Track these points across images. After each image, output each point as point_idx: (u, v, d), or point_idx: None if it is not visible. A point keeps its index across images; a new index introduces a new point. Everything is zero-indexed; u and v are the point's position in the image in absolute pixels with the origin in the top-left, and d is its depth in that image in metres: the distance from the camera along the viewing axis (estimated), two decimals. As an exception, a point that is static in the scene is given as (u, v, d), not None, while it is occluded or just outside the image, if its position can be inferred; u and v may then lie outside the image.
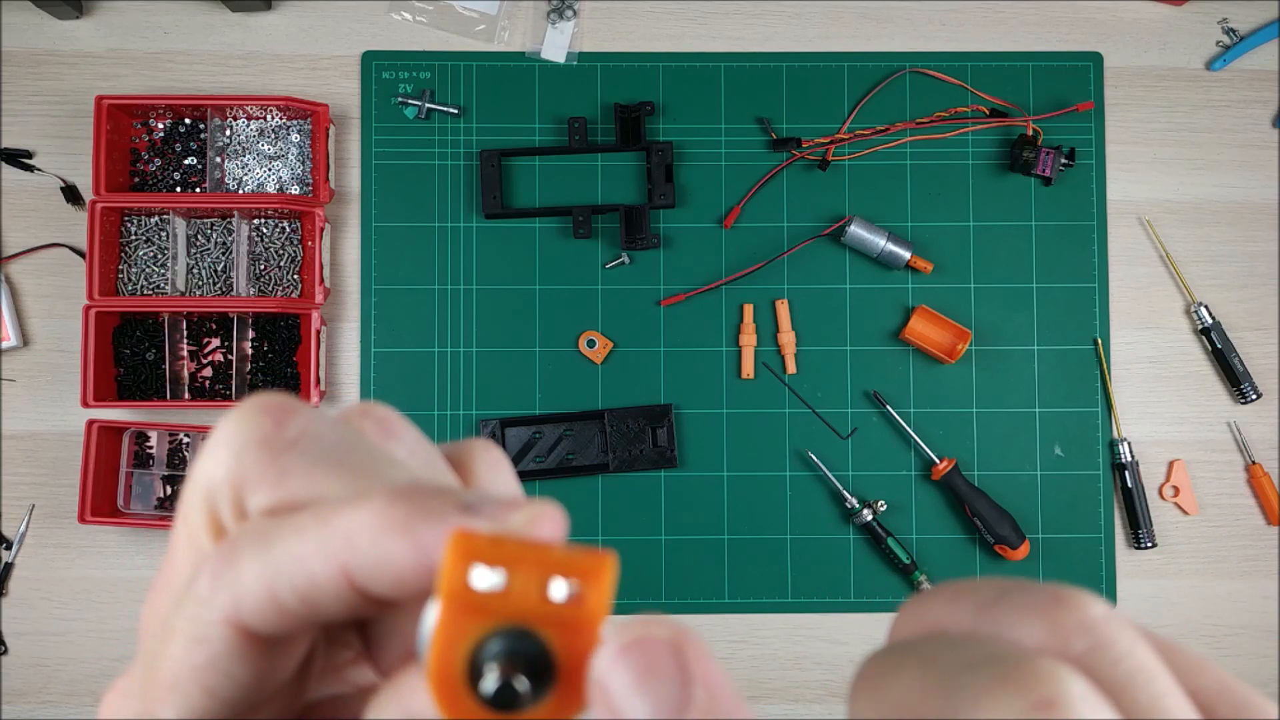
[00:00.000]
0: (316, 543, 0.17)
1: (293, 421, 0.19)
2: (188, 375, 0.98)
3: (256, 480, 0.19)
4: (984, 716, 0.14)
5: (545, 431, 0.97)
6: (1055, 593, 0.17)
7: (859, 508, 0.96)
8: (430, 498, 0.17)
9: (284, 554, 0.17)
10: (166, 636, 0.18)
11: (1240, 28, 1.02)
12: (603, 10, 1.01)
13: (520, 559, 0.16)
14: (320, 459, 0.19)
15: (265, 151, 0.99)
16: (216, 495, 0.19)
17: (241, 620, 0.18)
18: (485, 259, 0.99)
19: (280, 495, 0.18)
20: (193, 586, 0.18)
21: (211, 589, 0.18)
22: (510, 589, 0.16)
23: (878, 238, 0.96)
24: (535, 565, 0.16)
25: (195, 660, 0.18)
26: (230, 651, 0.18)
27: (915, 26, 1.02)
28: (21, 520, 0.97)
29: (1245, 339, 1.00)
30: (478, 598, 0.16)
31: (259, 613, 0.18)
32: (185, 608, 0.18)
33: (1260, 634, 0.99)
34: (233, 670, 0.18)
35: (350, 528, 0.17)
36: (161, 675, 0.18)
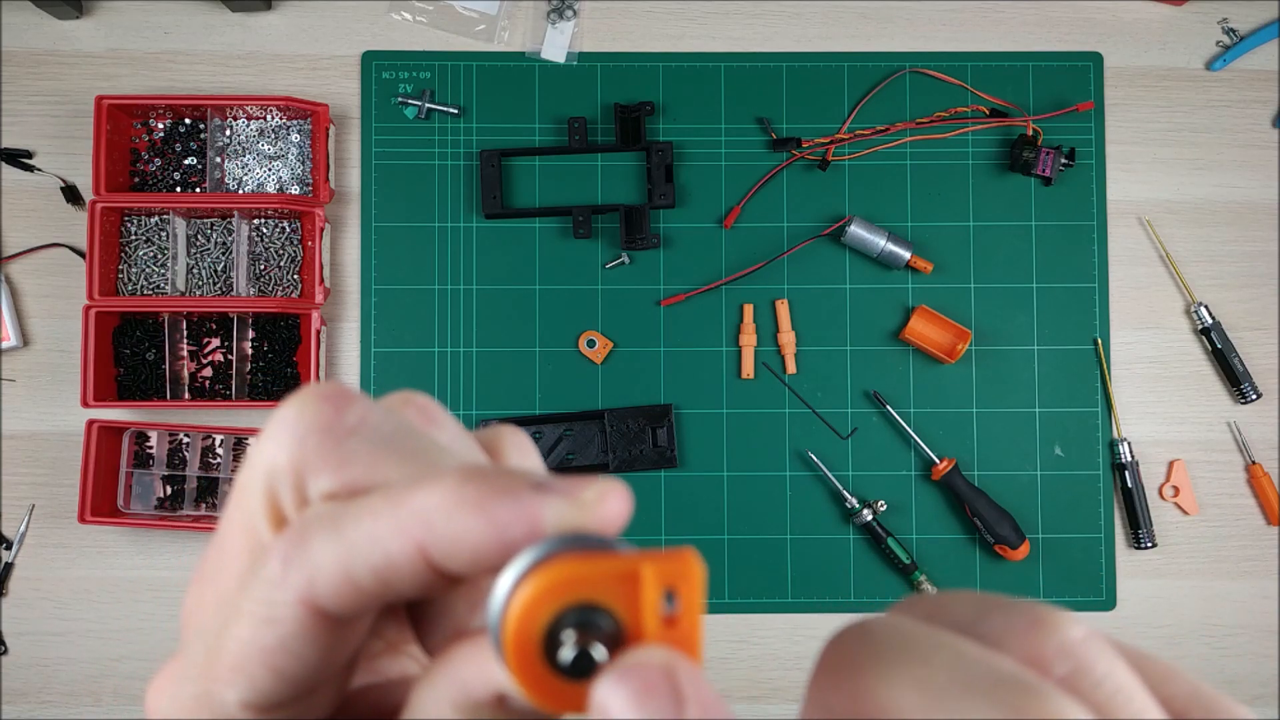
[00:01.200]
0: (392, 522, 0.18)
1: (352, 409, 0.19)
2: (188, 375, 0.98)
3: (319, 466, 0.19)
4: None
5: (545, 431, 0.97)
6: (1035, 614, 0.17)
7: (859, 508, 0.96)
8: (502, 477, 0.18)
9: (359, 534, 0.18)
10: (231, 619, 0.19)
11: (1240, 28, 1.02)
12: (603, 10, 1.01)
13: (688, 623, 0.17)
14: (381, 445, 0.19)
15: (265, 151, 0.99)
16: (278, 482, 0.19)
17: (316, 601, 0.18)
18: (485, 259, 0.99)
19: (343, 480, 0.19)
20: (261, 570, 0.18)
21: (283, 571, 0.18)
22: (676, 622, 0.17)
23: (878, 238, 0.96)
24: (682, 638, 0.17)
25: (264, 641, 0.18)
26: (301, 632, 0.18)
27: (915, 26, 1.02)
28: (21, 520, 0.96)
29: (1245, 339, 1.00)
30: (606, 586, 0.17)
31: (334, 593, 0.18)
32: (254, 590, 0.18)
33: (1260, 634, 0.99)
34: (302, 651, 0.18)
35: (425, 506, 0.17)
36: (226, 657, 0.19)
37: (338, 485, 0.19)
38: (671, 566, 0.17)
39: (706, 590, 0.17)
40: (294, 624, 0.18)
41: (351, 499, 0.18)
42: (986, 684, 0.15)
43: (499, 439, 0.22)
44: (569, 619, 0.17)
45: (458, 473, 0.18)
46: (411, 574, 0.18)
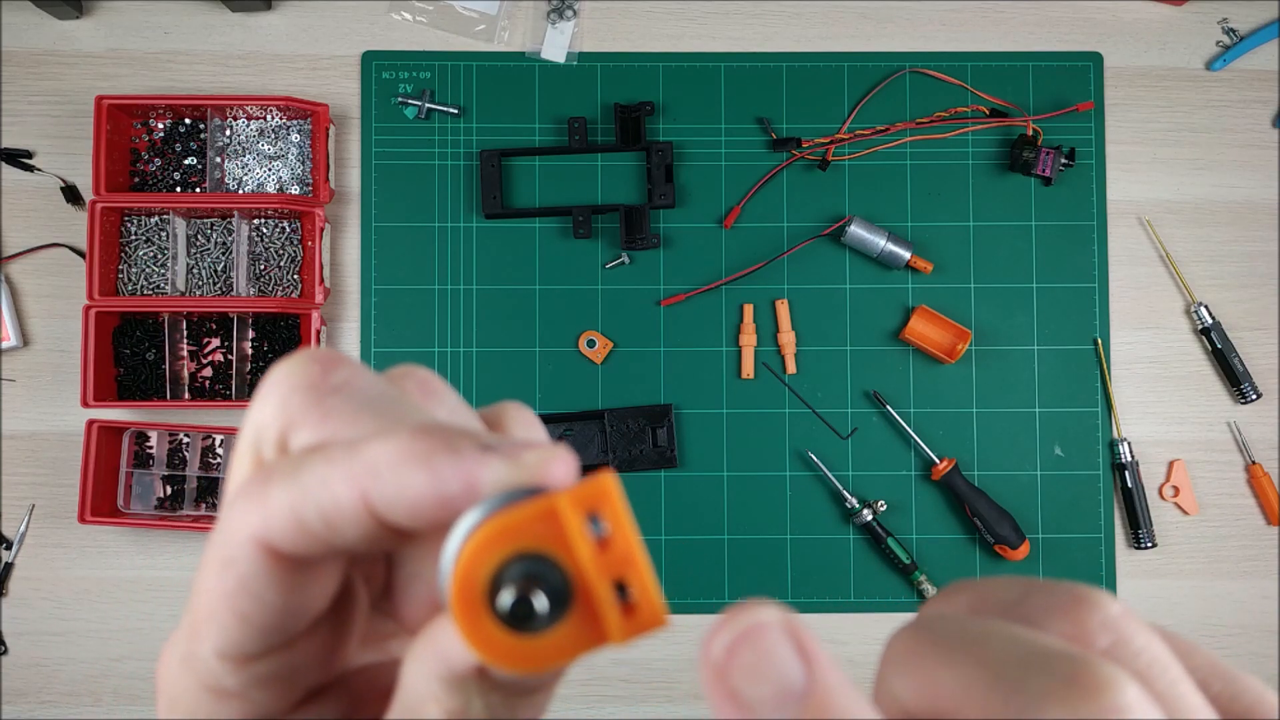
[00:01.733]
0: (342, 469, 0.18)
1: (338, 370, 0.20)
2: (188, 375, 0.98)
3: (300, 421, 0.20)
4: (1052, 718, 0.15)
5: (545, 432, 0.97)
6: (1077, 592, 0.18)
7: (859, 508, 0.96)
8: (452, 435, 0.18)
9: (311, 478, 0.18)
10: (200, 570, 0.19)
11: (1240, 28, 1.02)
12: (603, 10, 1.01)
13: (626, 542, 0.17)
14: (362, 405, 0.20)
15: (265, 151, 0.99)
16: (263, 437, 0.20)
17: (268, 540, 0.19)
18: (485, 259, 0.99)
19: (321, 435, 0.19)
20: (223, 513, 0.19)
21: (242, 512, 0.19)
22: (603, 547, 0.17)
23: (878, 238, 0.96)
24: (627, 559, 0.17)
25: (226, 585, 0.19)
26: (257, 572, 0.19)
27: (915, 26, 1.02)
28: (21, 520, 0.96)
29: (1245, 339, 1.00)
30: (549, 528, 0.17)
31: (283, 533, 0.18)
32: (215, 534, 0.19)
33: (1260, 634, 0.99)
34: (261, 593, 0.19)
35: (375, 457, 0.18)
36: (198, 610, 0.19)
37: (316, 440, 0.19)
38: (585, 490, 0.17)
39: (627, 504, 0.17)
40: (248, 564, 0.19)
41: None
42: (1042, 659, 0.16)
43: (503, 413, 0.22)
44: (513, 571, 0.17)
45: (412, 427, 0.18)
46: (355, 521, 0.18)
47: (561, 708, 0.96)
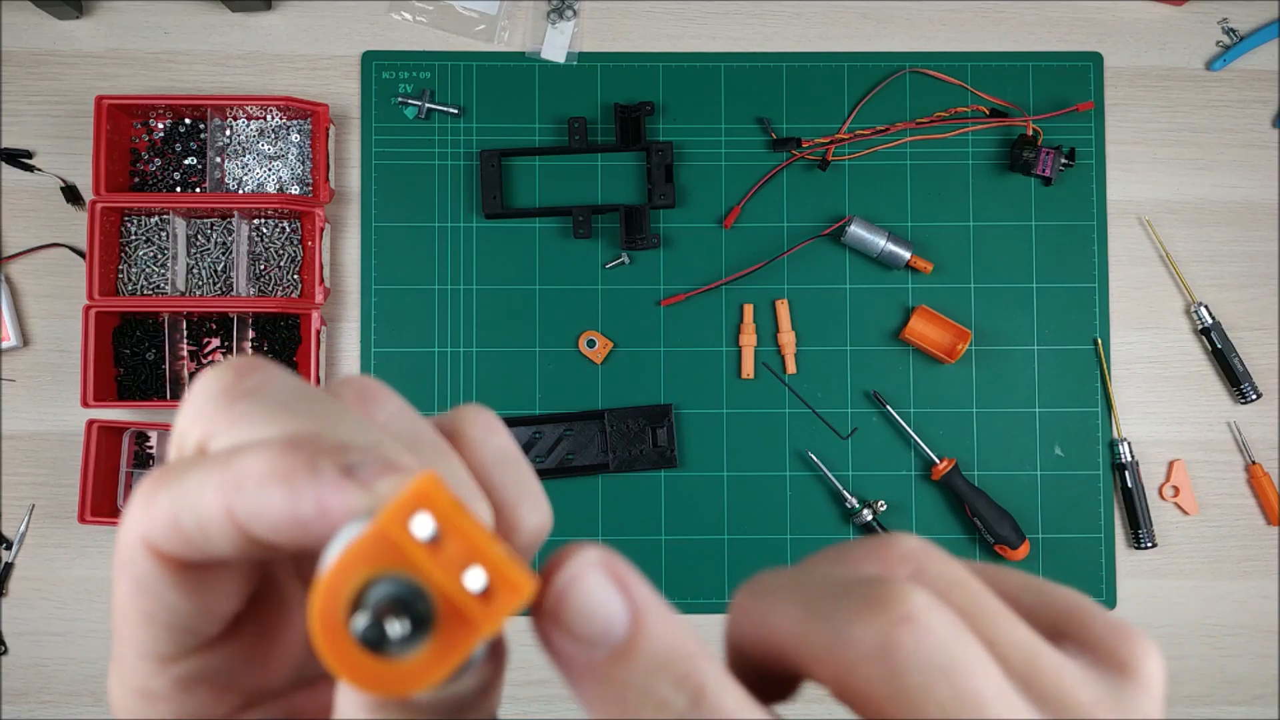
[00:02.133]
0: (214, 478, 0.18)
1: (252, 375, 0.20)
2: (188, 375, 0.98)
3: (213, 428, 0.19)
4: (858, 635, 0.17)
5: (545, 431, 0.97)
6: (879, 538, 0.20)
7: (859, 508, 0.96)
8: (317, 453, 0.18)
9: (189, 485, 0.18)
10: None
11: (1240, 28, 1.02)
12: (603, 10, 1.01)
13: (461, 531, 0.16)
14: (273, 408, 0.19)
15: (265, 151, 0.99)
16: (182, 444, 0.20)
17: (152, 543, 0.19)
18: (485, 259, 0.99)
19: (232, 439, 0.19)
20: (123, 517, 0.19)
21: (132, 515, 0.19)
22: (439, 547, 0.16)
23: (878, 238, 0.96)
24: (470, 546, 0.16)
25: (126, 587, 0.19)
26: (150, 573, 0.19)
27: (915, 26, 1.02)
28: (21, 520, 0.96)
29: (1245, 339, 1.00)
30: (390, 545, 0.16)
31: (164, 537, 0.19)
32: (118, 539, 0.19)
33: (1260, 634, 0.99)
34: (159, 594, 0.19)
35: (243, 469, 0.18)
36: (115, 620, 0.20)
37: (228, 444, 0.19)
38: (405, 501, 0.16)
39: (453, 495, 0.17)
40: (140, 566, 0.19)
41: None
42: (846, 589, 0.18)
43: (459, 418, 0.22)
44: (372, 594, 0.16)
45: (283, 441, 0.18)
46: (225, 533, 0.18)
47: (563, 708, 0.96)
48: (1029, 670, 0.18)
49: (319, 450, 0.18)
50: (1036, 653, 0.18)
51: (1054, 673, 0.18)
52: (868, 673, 0.17)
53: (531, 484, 0.22)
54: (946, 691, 0.17)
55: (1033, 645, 0.19)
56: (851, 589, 0.18)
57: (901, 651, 0.17)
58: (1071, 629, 0.20)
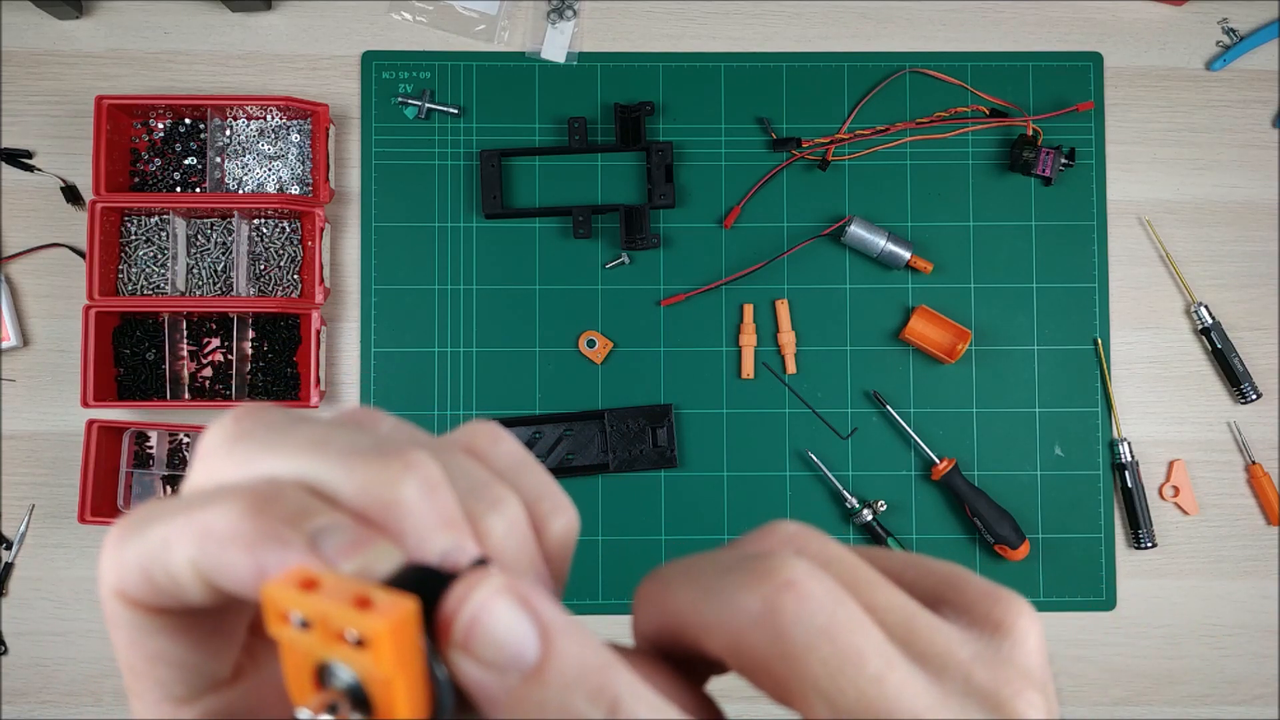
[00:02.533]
0: (178, 531, 0.18)
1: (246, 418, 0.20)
2: (188, 375, 0.98)
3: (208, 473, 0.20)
4: (744, 603, 0.19)
5: (545, 431, 0.97)
6: (764, 527, 0.22)
7: (859, 508, 0.96)
8: (283, 522, 0.18)
9: (155, 535, 0.18)
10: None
11: (1240, 28, 1.02)
12: (603, 10, 1.01)
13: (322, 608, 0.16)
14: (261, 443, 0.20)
15: (265, 151, 0.99)
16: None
17: (121, 591, 0.19)
18: (485, 259, 0.99)
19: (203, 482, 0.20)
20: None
21: (104, 563, 0.19)
22: (313, 631, 0.17)
23: (878, 238, 0.96)
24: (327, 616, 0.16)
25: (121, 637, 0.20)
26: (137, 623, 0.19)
27: (915, 26, 1.02)
28: (21, 520, 0.96)
29: (1245, 339, 1.00)
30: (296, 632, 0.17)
31: (138, 588, 0.19)
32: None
33: (1260, 634, 0.99)
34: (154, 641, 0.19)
35: (206, 526, 0.18)
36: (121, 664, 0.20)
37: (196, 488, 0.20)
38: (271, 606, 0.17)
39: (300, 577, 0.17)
40: (123, 616, 0.19)
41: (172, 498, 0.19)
42: (733, 563, 0.20)
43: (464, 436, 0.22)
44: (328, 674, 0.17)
45: (248, 499, 0.18)
46: (192, 584, 0.18)
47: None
48: (907, 632, 0.19)
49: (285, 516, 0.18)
50: (912, 614, 0.20)
51: (930, 632, 0.19)
52: (755, 638, 0.19)
53: (549, 485, 0.23)
54: (828, 648, 0.18)
55: (909, 608, 0.20)
56: (738, 565, 0.20)
57: (784, 614, 0.18)
58: (948, 595, 0.21)
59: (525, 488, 0.22)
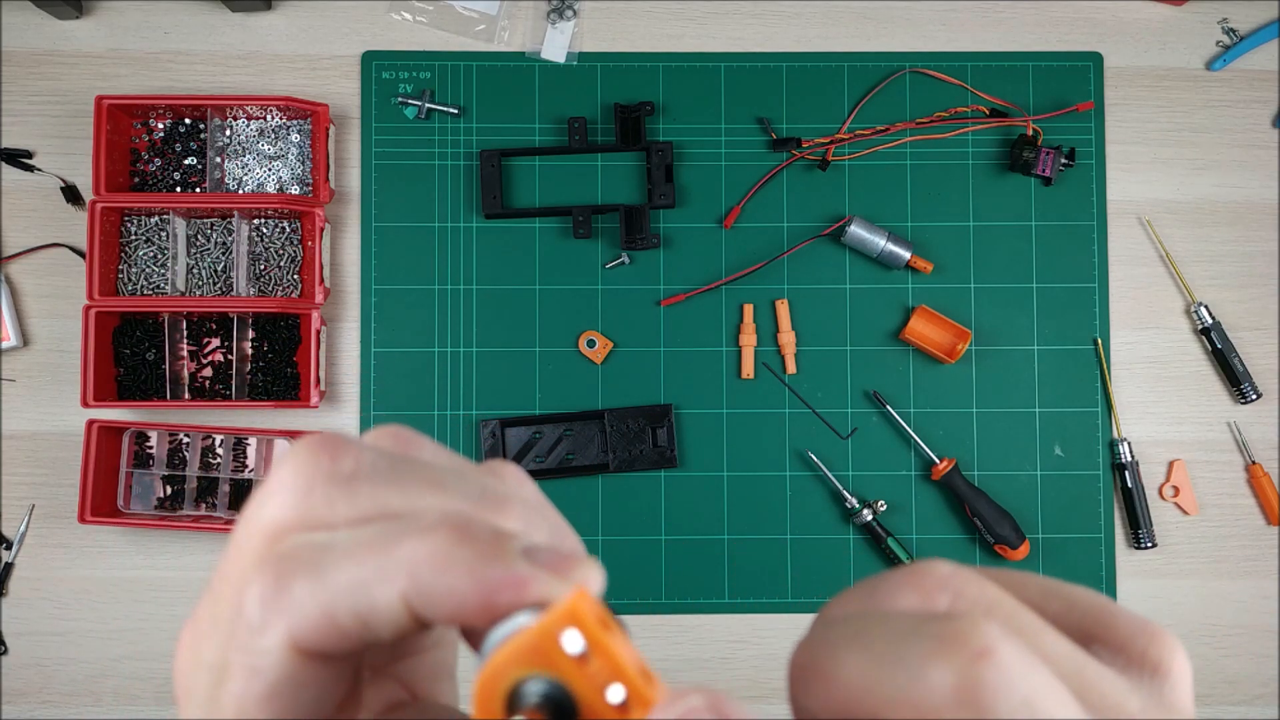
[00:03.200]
0: (376, 570, 0.18)
1: (346, 454, 0.20)
2: (188, 375, 0.98)
3: (330, 514, 0.20)
4: (936, 679, 0.17)
5: (545, 431, 0.97)
6: (912, 567, 0.20)
7: (859, 508, 0.96)
8: (493, 541, 0.19)
9: (341, 578, 0.18)
10: (223, 676, 0.19)
11: (1240, 28, 1.02)
12: (603, 10, 1.01)
13: (605, 649, 0.18)
14: (382, 482, 0.20)
15: (265, 151, 0.99)
16: (278, 534, 0.20)
17: (299, 643, 0.19)
18: (485, 259, 0.99)
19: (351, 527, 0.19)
20: (242, 617, 0.19)
21: (263, 615, 0.19)
22: (587, 660, 0.18)
23: (878, 238, 0.96)
24: (613, 665, 0.18)
25: (256, 691, 0.19)
26: (289, 676, 0.19)
27: (915, 26, 1.02)
28: (21, 520, 0.96)
29: (1245, 339, 1.00)
30: (540, 651, 0.18)
31: (316, 635, 0.19)
32: (237, 639, 0.19)
33: (1260, 634, 0.99)
34: (295, 691, 0.19)
35: (414, 558, 0.18)
36: (226, 713, 0.19)
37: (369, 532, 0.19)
38: (555, 615, 0.18)
39: (603, 613, 0.19)
40: (280, 669, 0.19)
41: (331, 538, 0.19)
42: (911, 628, 0.18)
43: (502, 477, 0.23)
44: (525, 691, 0.18)
45: (448, 529, 0.19)
46: (392, 621, 0.18)
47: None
48: (1080, 684, 0.19)
49: (490, 537, 0.19)
50: (1081, 664, 0.19)
51: (1100, 684, 0.19)
52: (951, 714, 0.17)
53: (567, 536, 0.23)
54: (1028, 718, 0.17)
55: (1076, 658, 0.19)
56: (918, 630, 0.18)
57: (986, 689, 0.17)
58: (1098, 632, 0.20)
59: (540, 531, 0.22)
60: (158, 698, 0.96)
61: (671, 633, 0.97)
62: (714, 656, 0.97)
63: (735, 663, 0.97)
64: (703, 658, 0.97)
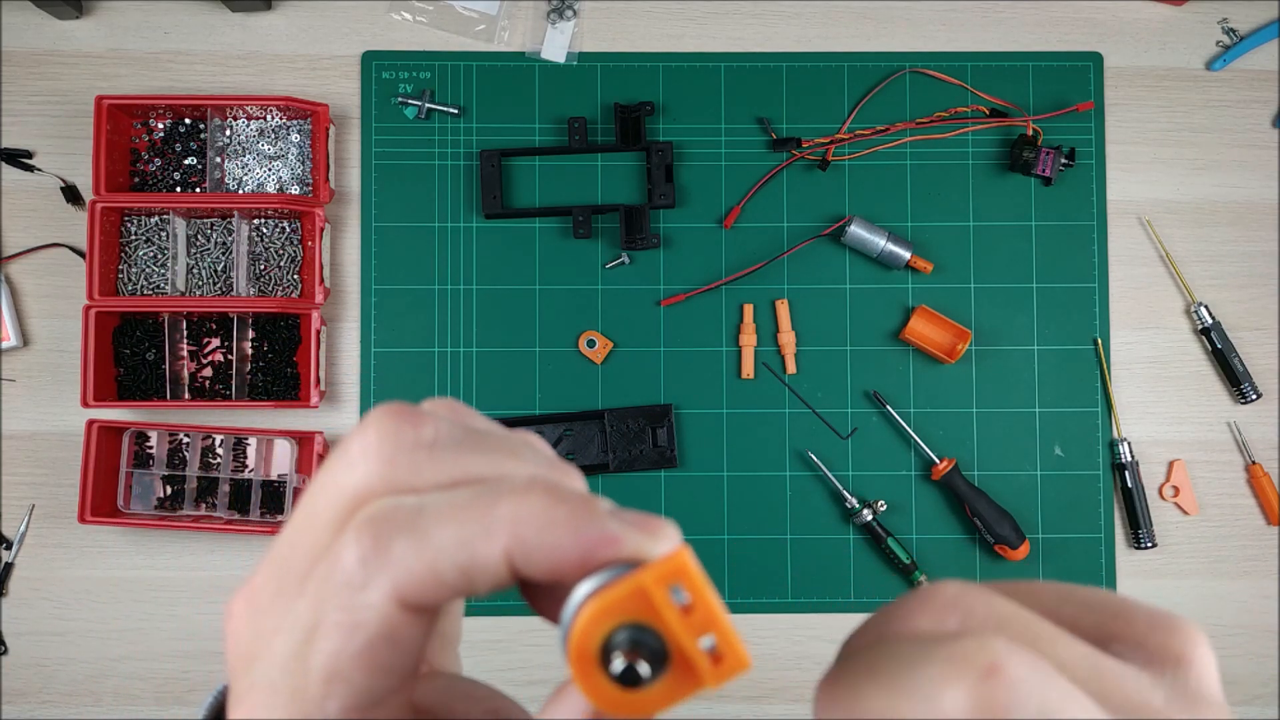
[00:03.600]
0: (480, 529, 0.20)
1: (425, 424, 0.21)
2: (188, 375, 0.98)
3: (417, 480, 0.21)
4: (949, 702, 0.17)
5: (545, 431, 0.97)
6: (920, 591, 0.21)
7: (859, 508, 0.96)
8: (586, 501, 0.20)
9: (445, 537, 0.20)
10: (313, 635, 0.20)
11: (1240, 28, 1.02)
12: (603, 10, 1.01)
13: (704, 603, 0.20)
14: (464, 449, 0.21)
15: (265, 151, 0.99)
16: (365, 498, 0.21)
17: (404, 597, 0.20)
18: (485, 259, 0.99)
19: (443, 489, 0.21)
20: (339, 576, 0.20)
21: (365, 573, 0.20)
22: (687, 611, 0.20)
23: (878, 238, 0.96)
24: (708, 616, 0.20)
25: (354, 646, 0.20)
26: (388, 630, 0.20)
27: (915, 26, 1.02)
28: (21, 520, 0.96)
29: (1245, 339, 1.00)
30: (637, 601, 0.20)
31: (421, 589, 0.20)
32: (335, 598, 0.20)
33: (1260, 634, 0.99)
34: (390, 647, 0.20)
35: (516, 517, 0.20)
36: (316, 674, 0.20)
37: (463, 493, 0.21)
38: (665, 567, 0.20)
39: (702, 571, 0.21)
40: (381, 623, 0.20)
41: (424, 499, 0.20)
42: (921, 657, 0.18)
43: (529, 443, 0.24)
44: (619, 638, 0.20)
45: (543, 490, 0.20)
46: (493, 574, 0.20)
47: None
48: (1099, 686, 0.19)
49: (584, 498, 0.20)
50: (1100, 667, 0.19)
51: (1121, 683, 0.19)
52: None
53: None
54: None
55: (1094, 661, 0.19)
56: (928, 655, 0.18)
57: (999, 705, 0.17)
58: (1116, 630, 0.20)
59: None
60: (158, 698, 0.96)
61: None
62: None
63: (735, 663, 0.97)
64: (703, 658, 0.97)
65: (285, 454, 0.96)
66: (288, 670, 0.20)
